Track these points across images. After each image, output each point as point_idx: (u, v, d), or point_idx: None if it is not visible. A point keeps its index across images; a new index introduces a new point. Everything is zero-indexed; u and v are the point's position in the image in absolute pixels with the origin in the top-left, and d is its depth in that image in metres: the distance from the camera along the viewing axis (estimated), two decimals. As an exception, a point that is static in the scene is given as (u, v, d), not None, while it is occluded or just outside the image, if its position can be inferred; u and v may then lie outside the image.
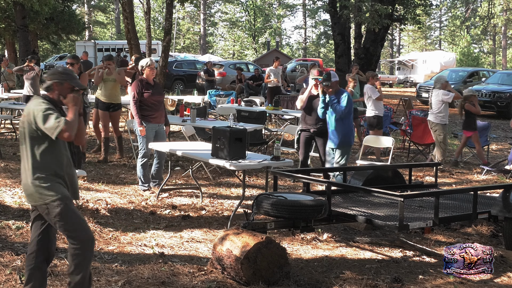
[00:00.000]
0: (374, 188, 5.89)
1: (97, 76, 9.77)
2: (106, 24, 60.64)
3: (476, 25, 55.20)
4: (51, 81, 3.99)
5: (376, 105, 10.90)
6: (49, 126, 3.80)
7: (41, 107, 3.86)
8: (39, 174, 3.89)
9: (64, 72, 4.06)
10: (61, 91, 3.98)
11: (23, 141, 3.94)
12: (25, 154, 3.94)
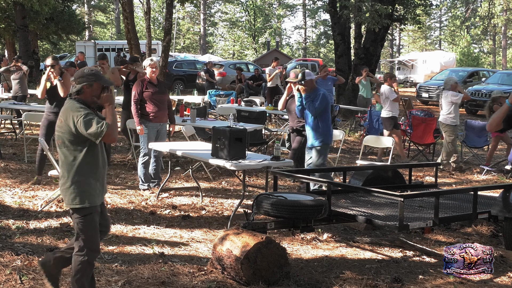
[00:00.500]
0: (374, 188, 5.89)
1: None
2: (106, 24, 60.64)
3: (476, 25, 55.22)
4: (81, 84, 4.01)
5: (393, 106, 10.91)
6: (93, 132, 3.85)
7: (80, 112, 3.89)
8: (76, 178, 3.96)
9: (91, 73, 4.06)
10: (92, 92, 4.02)
11: (62, 145, 3.98)
12: (62, 158, 4.00)
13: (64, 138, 3.96)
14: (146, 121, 7.77)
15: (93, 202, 4.00)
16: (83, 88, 4.01)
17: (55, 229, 5.93)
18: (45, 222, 6.11)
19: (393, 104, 10.87)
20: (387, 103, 10.89)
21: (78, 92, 4.02)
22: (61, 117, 3.99)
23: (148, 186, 7.89)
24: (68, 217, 6.35)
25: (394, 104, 10.88)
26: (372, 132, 12.12)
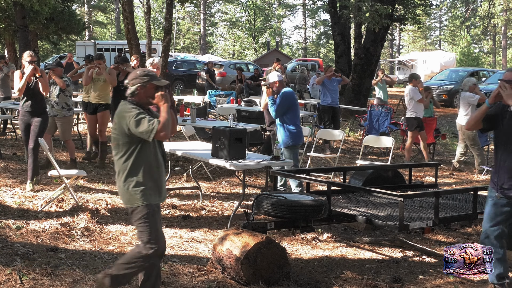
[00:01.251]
0: (374, 188, 5.89)
1: (87, 76, 9.39)
2: (106, 24, 60.62)
3: (476, 25, 55.20)
4: (134, 86, 4.03)
5: (417, 107, 10.81)
6: (144, 130, 3.88)
7: (132, 112, 3.93)
8: (131, 178, 3.99)
9: (144, 74, 4.07)
10: (146, 93, 4.03)
11: (116, 146, 4.02)
12: (116, 158, 4.04)
13: (118, 140, 4.01)
14: None
15: (149, 200, 4.00)
16: (137, 89, 4.03)
17: (55, 229, 5.93)
18: (45, 222, 6.11)
19: (417, 105, 10.75)
20: (412, 103, 10.79)
21: (133, 93, 4.05)
22: (115, 119, 4.03)
23: None
24: (68, 217, 6.36)
25: (418, 105, 10.75)
26: (372, 132, 12.13)
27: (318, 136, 10.47)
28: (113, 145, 4.07)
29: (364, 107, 16.43)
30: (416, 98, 10.74)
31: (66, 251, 5.35)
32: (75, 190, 7.35)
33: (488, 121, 4.39)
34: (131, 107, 3.98)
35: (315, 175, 7.62)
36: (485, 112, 4.36)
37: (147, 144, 3.99)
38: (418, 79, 11.05)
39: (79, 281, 4.61)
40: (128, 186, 3.99)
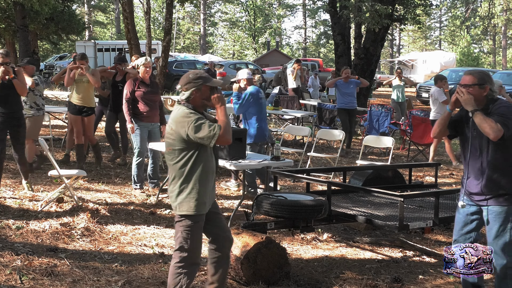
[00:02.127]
0: (374, 188, 5.89)
1: (68, 76, 8.92)
2: (106, 24, 60.63)
3: (476, 25, 55.24)
4: (189, 90, 3.94)
5: (441, 108, 10.56)
6: (205, 135, 3.82)
7: (191, 118, 3.85)
8: (186, 184, 3.93)
9: (197, 77, 3.98)
10: (202, 96, 3.96)
11: (171, 152, 3.95)
12: (171, 164, 3.97)
13: (174, 145, 3.92)
14: (138, 120, 7.72)
15: (200, 210, 3.95)
16: (192, 93, 3.94)
17: (55, 229, 5.93)
18: (45, 222, 6.11)
19: (442, 106, 10.50)
20: (436, 104, 10.68)
21: (188, 98, 3.95)
22: (171, 125, 3.94)
23: (140, 187, 7.83)
24: (68, 217, 6.36)
25: (442, 106, 10.49)
26: (372, 132, 12.13)
27: (318, 136, 10.47)
28: (168, 150, 3.98)
29: (364, 107, 16.40)
30: (440, 100, 10.56)
31: (66, 251, 5.35)
32: (75, 190, 7.35)
33: (454, 127, 4.21)
34: (188, 112, 3.89)
35: (315, 175, 7.62)
36: (448, 118, 4.19)
37: (205, 150, 3.93)
38: (444, 81, 10.85)
39: (79, 281, 4.61)
40: (182, 192, 3.93)
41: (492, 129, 3.83)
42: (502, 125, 3.84)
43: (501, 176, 3.96)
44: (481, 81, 4.03)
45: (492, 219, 4.02)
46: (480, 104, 4.01)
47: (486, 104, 4.02)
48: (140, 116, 7.74)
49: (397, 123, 13.23)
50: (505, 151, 3.96)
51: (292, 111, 13.83)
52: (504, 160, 3.97)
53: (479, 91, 4.01)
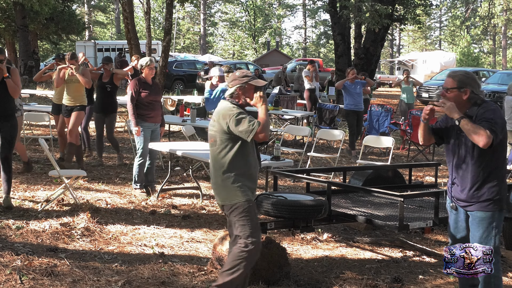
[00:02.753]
0: (374, 188, 5.89)
1: (58, 77, 8.77)
2: (106, 24, 60.64)
3: (476, 25, 55.23)
4: (234, 87, 4.13)
5: None
6: (244, 129, 4.00)
7: (233, 112, 4.05)
8: (229, 174, 4.07)
9: (243, 75, 4.17)
10: (245, 93, 4.13)
11: (213, 143, 4.15)
12: (215, 155, 4.15)
13: (216, 137, 4.13)
14: (142, 121, 7.66)
15: (248, 195, 4.08)
16: (236, 90, 4.13)
17: (55, 229, 5.93)
18: (45, 222, 6.11)
19: None
20: None
21: (232, 94, 4.15)
22: (215, 117, 4.17)
23: (140, 187, 7.77)
24: (68, 217, 6.36)
25: None
26: (372, 132, 12.13)
27: (318, 136, 10.47)
28: (211, 142, 4.18)
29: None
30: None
31: (66, 251, 5.35)
32: (75, 190, 7.35)
33: (440, 135, 4.12)
34: (232, 106, 4.10)
35: (315, 175, 7.63)
36: (425, 128, 4.08)
37: (246, 144, 4.08)
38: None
39: (79, 281, 4.61)
40: (227, 181, 4.07)
41: (481, 137, 3.71)
42: (490, 131, 3.72)
43: (486, 182, 3.87)
44: (461, 84, 3.87)
45: (475, 225, 3.94)
46: (463, 108, 3.86)
47: (471, 107, 3.88)
48: (144, 117, 7.68)
49: (397, 123, 13.24)
50: (491, 157, 3.85)
51: (292, 111, 13.84)
52: (489, 166, 3.87)
53: (459, 95, 3.87)
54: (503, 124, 3.84)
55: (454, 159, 3.97)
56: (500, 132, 3.77)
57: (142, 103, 7.65)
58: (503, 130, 3.82)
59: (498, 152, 3.86)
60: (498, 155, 3.88)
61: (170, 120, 11.04)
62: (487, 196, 3.87)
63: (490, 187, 3.87)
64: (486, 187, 3.87)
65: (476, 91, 3.87)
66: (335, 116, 12.93)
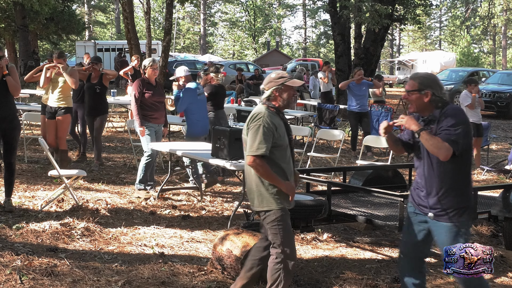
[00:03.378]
0: (374, 188, 5.89)
1: (45, 76, 8.42)
2: (106, 24, 60.64)
3: (476, 25, 55.22)
4: (270, 89, 4.04)
5: (468, 112, 10.32)
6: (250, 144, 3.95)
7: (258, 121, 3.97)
8: (261, 181, 3.98)
9: (279, 77, 4.06)
10: (282, 94, 4.03)
11: (245, 147, 4.03)
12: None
13: (246, 141, 4.03)
14: (146, 122, 7.61)
15: (283, 204, 3.99)
16: (272, 92, 4.03)
17: (55, 229, 5.93)
18: (45, 222, 6.11)
19: (468, 111, 10.31)
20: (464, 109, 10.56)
21: (268, 97, 4.05)
22: (247, 120, 4.08)
23: (144, 187, 7.69)
24: (68, 217, 6.36)
25: (470, 110, 10.34)
26: (372, 132, 12.12)
27: (318, 136, 10.47)
28: (244, 145, 4.10)
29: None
30: (464, 103, 10.43)
31: (66, 251, 5.35)
32: (75, 190, 7.35)
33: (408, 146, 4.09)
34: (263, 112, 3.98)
35: (315, 175, 7.62)
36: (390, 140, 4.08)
37: (279, 149, 3.98)
38: (473, 85, 10.60)
39: (79, 281, 4.61)
40: (261, 188, 3.98)
41: (440, 151, 3.63)
42: (451, 143, 3.62)
43: (451, 190, 3.74)
44: (422, 86, 3.75)
45: (443, 235, 3.82)
46: (426, 111, 3.79)
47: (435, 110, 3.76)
48: (148, 118, 7.62)
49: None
50: (454, 166, 3.72)
51: (292, 111, 13.79)
52: (453, 175, 3.74)
53: (420, 97, 3.76)
54: (466, 130, 3.69)
55: (420, 166, 3.87)
56: (462, 139, 3.65)
57: (146, 104, 7.60)
58: (466, 135, 3.69)
59: (462, 159, 3.73)
60: (463, 162, 3.75)
61: (170, 120, 11.00)
62: (452, 205, 3.74)
63: (455, 196, 3.74)
64: (451, 196, 3.74)
65: (438, 93, 3.75)
66: (335, 116, 12.92)
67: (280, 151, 4.00)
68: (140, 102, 7.57)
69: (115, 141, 12.14)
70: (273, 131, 3.95)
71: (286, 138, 4.06)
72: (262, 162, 3.92)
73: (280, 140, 3.99)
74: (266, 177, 3.96)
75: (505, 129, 17.40)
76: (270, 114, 3.99)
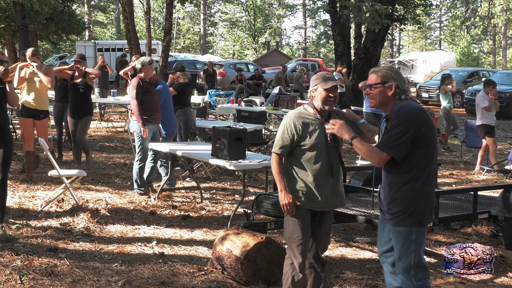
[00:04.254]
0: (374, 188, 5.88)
1: (18, 76, 7.93)
2: (106, 24, 60.63)
3: (476, 25, 55.19)
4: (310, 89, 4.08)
5: (483, 114, 10.45)
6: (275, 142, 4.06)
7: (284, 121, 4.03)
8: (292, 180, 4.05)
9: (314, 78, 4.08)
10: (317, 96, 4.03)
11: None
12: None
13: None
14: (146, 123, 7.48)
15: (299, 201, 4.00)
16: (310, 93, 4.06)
17: (55, 229, 5.93)
18: (45, 222, 6.11)
19: (484, 112, 10.40)
20: (479, 110, 10.50)
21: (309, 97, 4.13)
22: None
23: (144, 190, 7.61)
24: (68, 217, 6.36)
25: (485, 112, 10.39)
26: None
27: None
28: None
29: (364, 107, 16.39)
30: (481, 105, 10.41)
31: (66, 251, 5.35)
32: (75, 190, 7.35)
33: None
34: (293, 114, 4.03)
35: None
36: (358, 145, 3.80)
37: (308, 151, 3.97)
38: (490, 86, 10.59)
39: (79, 281, 4.61)
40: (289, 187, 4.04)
41: (372, 159, 3.56)
42: (387, 148, 3.47)
43: (399, 194, 3.61)
44: (385, 79, 3.59)
45: (394, 238, 3.75)
46: (388, 106, 3.63)
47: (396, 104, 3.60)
48: (149, 118, 7.52)
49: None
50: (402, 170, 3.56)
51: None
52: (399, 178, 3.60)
53: (383, 90, 3.60)
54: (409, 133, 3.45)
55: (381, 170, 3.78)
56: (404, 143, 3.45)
57: (145, 104, 7.49)
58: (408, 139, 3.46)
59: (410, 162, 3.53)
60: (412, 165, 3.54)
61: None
62: (400, 209, 3.63)
63: (403, 200, 3.60)
64: (399, 200, 3.62)
65: (402, 86, 3.60)
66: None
67: (307, 152, 3.98)
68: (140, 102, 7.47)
69: (115, 141, 12.14)
70: (294, 132, 3.97)
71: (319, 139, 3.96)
72: (276, 159, 4.02)
73: (307, 140, 3.97)
74: (274, 175, 4.06)
75: (505, 129, 17.41)
76: (300, 115, 4.02)
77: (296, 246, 4.04)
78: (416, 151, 3.52)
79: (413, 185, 3.58)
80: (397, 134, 3.47)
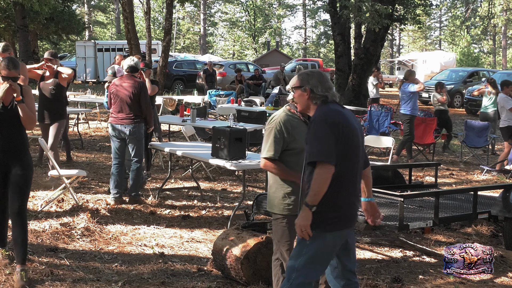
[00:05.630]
0: (374, 188, 5.88)
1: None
2: (106, 24, 60.64)
3: (476, 25, 55.21)
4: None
5: (508, 115, 10.31)
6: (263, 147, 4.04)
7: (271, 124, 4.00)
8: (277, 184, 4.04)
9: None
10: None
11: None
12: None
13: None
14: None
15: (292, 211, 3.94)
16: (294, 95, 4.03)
17: (55, 229, 5.93)
18: (45, 222, 6.11)
19: (509, 113, 10.28)
20: (504, 112, 10.37)
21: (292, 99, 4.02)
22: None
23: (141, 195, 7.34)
24: (68, 217, 6.36)
25: (510, 113, 10.27)
26: (372, 132, 12.12)
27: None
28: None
29: (364, 107, 16.40)
30: (507, 107, 10.29)
31: (66, 251, 5.35)
32: (75, 190, 7.35)
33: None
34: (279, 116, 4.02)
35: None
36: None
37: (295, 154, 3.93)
38: (511, 86, 10.46)
39: (79, 281, 4.61)
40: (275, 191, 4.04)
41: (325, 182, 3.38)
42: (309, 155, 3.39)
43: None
44: (302, 83, 3.55)
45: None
46: (310, 109, 3.56)
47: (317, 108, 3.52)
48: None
49: (397, 123, 13.23)
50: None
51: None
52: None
53: (301, 94, 3.56)
54: (323, 139, 3.37)
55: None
56: (316, 147, 3.35)
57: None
58: (321, 144, 3.36)
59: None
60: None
61: (170, 120, 11.05)
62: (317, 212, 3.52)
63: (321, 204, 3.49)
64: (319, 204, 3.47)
65: (317, 91, 3.50)
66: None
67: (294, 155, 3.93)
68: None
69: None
70: (284, 135, 3.92)
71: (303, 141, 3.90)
72: (274, 163, 3.95)
73: (295, 143, 3.93)
74: (282, 175, 3.98)
75: (505, 129, 17.36)
76: (287, 117, 3.99)
77: (285, 250, 4.03)
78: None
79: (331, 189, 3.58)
80: (315, 140, 3.40)
